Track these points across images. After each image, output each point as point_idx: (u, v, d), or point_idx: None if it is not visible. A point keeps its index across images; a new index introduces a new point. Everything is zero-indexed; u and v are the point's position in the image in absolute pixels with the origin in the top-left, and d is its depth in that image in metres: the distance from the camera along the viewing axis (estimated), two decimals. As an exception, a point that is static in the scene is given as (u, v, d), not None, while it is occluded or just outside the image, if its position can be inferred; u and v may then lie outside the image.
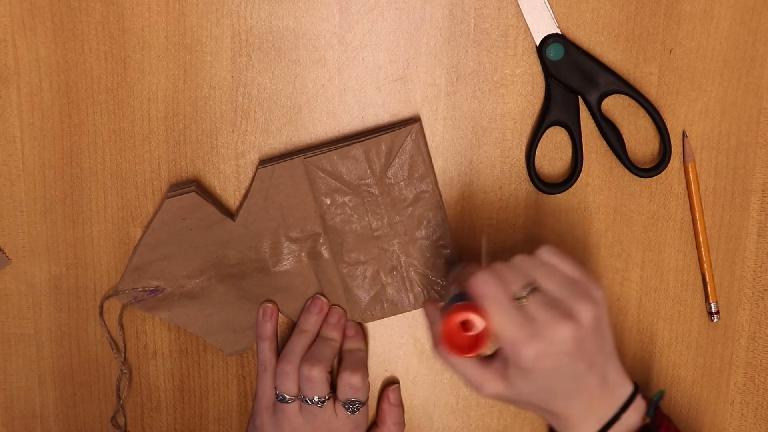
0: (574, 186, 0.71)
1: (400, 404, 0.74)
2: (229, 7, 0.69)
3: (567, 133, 0.71)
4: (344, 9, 0.69)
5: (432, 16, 0.69)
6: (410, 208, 0.70)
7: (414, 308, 0.72)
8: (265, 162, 0.70)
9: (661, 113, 0.70)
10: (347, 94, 0.70)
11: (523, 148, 0.71)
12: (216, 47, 0.69)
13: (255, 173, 0.69)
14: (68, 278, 0.73)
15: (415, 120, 0.70)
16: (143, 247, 0.70)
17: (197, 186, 0.70)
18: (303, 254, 0.71)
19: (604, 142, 0.71)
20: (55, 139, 0.71)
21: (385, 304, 0.72)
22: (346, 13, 0.69)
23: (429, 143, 0.71)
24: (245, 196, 0.70)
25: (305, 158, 0.69)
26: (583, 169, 0.71)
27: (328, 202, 0.69)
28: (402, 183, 0.69)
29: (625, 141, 0.71)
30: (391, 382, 0.74)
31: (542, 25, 0.69)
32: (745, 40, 0.70)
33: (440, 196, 0.70)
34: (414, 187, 0.69)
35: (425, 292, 0.71)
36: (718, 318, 0.74)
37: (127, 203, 0.72)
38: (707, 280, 0.73)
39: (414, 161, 0.69)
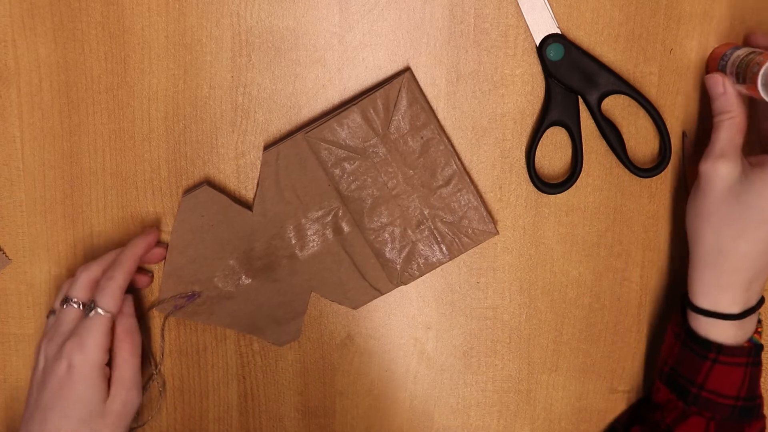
0: (574, 186, 0.71)
1: (134, 314, 0.68)
2: (229, 7, 0.69)
3: (567, 133, 0.71)
4: (344, 9, 0.69)
5: (432, 16, 0.69)
6: (420, 159, 0.69)
7: (448, 260, 0.71)
8: (268, 146, 0.70)
9: (661, 113, 0.70)
10: (347, 94, 0.70)
11: (523, 148, 0.71)
12: (216, 47, 0.69)
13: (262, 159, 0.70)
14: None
15: (405, 71, 0.69)
16: (171, 252, 0.69)
17: (209, 185, 0.71)
18: (327, 232, 0.70)
19: (604, 142, 0.71)
20: (55, 139, 0.71)
21: (420, 261, 0.71)
22: (346, 13, 0.69)
23: (429, 143, 0.71)
24: (258, 185, 0.70)
25: (306, 133, 0.68)
26: (583, 169, 0.71)
27: (338, 172, 0.69)
28: (407, 135, 0.69)
29: (625, 141, 0.71)
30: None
31: (542, 25, 0.69)
32: (745, 41, 0.70)
33: (448, 140, 0.70)
34: (420, 137, 0.68)
35: (456, 241, 0.71)
36: (718, 318, 0.74)
37: (127, 203, 0.72)
38: (707, 280, 0.73)
39: (413, 111, 0.68)
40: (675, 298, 0.74)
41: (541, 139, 0.71)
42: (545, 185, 0.71)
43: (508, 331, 0.75)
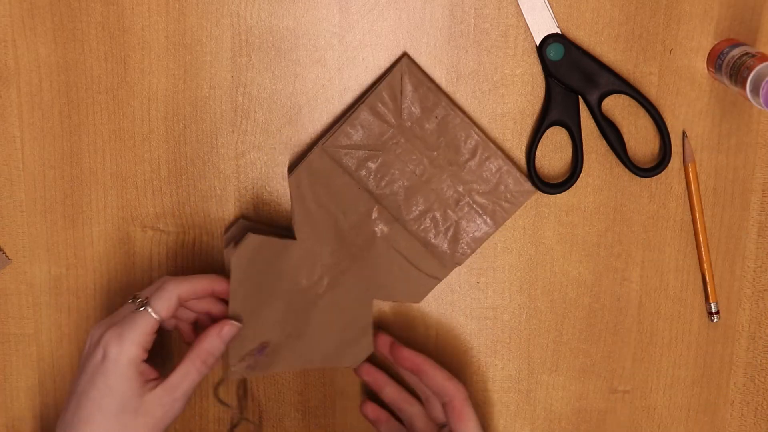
0: (574, 186, 0.71)
1: (227, 344, 0.66)
2: (229, 7, 0.69)
3: (567, 133, 0.71)
4: (344, 9, 0.69)
5: (432, 16, 0.69)
6: (441, 138, 0.69)
7: (494, 229, 0.70)
8: (290, 167, 0.70)
9: (661, 113, 0.70)
10: (347, 94, 0.70)
11: (524, 148, 0.71)
12: (216, 47, 0.69)
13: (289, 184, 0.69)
14: (68, 278, 0.73)
15: (402, 57, 0.69)
16: (232, 307, 0.67)
17: (245, 218, 0.70)
18: (371, 235, 0.69)
19: (604, 142, 0.71)
20: (55, 139, 0.71)
21: (467, 238, 0.70)
22: (346, 13, 0.69)
23: (429, 143, 0.71)
24: (292, 210, 0.69)
25: (323, 145, 0.68)
26: (583, 169, 0.71)
27: (364, 173, 0.69)
28: (421, 119, 0.68)
29: (626, 141, 0.71)
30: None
31: (542, 25, 0.69)
32: (746, 40, 0.70)
33: (462, 112, 0.69)
34: (434, 117, 0.68)
35: (498, 209, 0.70)
36: (718, 318, 0.74)
37: (127, 203, 0.72)
38: (707, 280, 0.73)
39: (420, 94, 0.68)
40: (675, 298, 0.74)
41: (541, 139, 0.71)
42: (545, 185, 0.70)
43: (508, 331, 0.75)
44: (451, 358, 0.75)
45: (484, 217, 0.70)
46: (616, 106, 0.71)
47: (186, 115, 0.71)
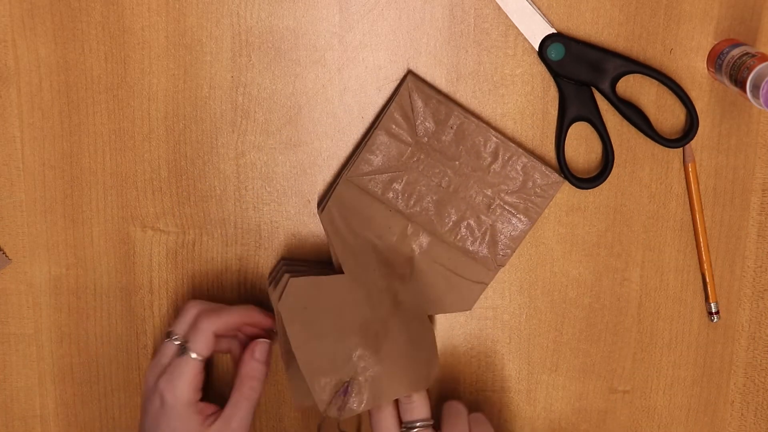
0: (573, 186, 0.71)
1: (265, 362, 0.68)
2: (229, 7, 0.69)
3: (589, 126, 0.70)
4: (344, 9, 0.69)
5: (432, 16, 0.69)
6: (461, 147, 0.69)
7: (531, 225, 0.70)
8: (319, 203, 0.71)
9: (674, 88, 0.69)
10: (347, 94, 0.70)
11: (524, 148, 0.71)
12: (216, 47, 0.69)
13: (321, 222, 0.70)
14: (68, 278, 0.73)
15: (406, 75, 0.69)
16: (300, 357, 0.66)
17: (286, 261, 0.71)
18: (411, 253, 0.70)
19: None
20: (55, 139, 0.71)
21: (505, 239, 0.70)
22: (346, 13, 0.69)
23: (429, 143, 0.71)
24: (330, 246, 0.70)
25: (347, 177, 0.69)
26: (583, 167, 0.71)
27: (392, 195, 0.69)
28: (437, 133, 0.69)
29: (649, 116, 0.70)
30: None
31: (536, 29, 0.69)
32: (745, 40, 0.70)
33: (476, 117, 0.69)
34: (449, 128, 0.68)
35: (530, 205, 0.70)
36: (718, 318, 0.74)
37: (127, 203, 0.72)
38: (707, 280, 0.73)
39: (431, 108, 0.68)
40: (675, 298, 0.74)
41: (567, 138, 0.71)
42: (581, 181, 0.70)
43: (508, 331, 0.75)
44: (451, 358, 0.75)
45: (518, 216, 0.70)
46: (627, 87, 0.70)
47: (186, 115, 0.71)
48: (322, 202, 0.71)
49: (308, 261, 0.72)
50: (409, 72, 0.69)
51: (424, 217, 0.70)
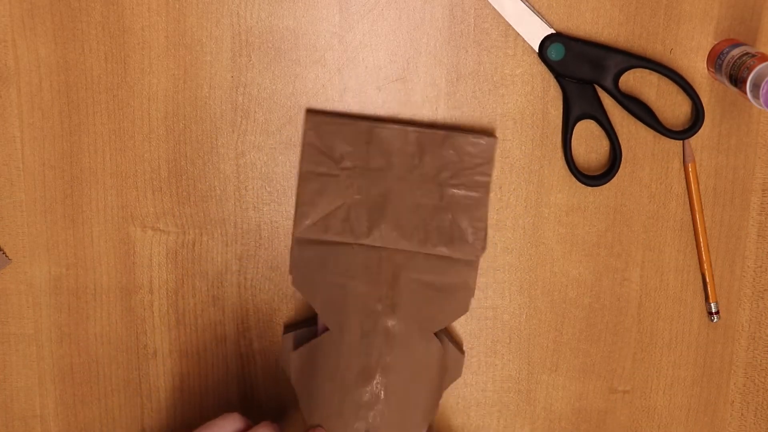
0: (574, 186, 0.71)
1: None
2: (229, 7, 0.69)
3: (594, 124, 0.71)
4: (344, 9, 0.69)
5: (432, 16, 0.69)
6: (386, 156, 0.68)
7: (486, 195, 0.68)
8: (290, 271, 0.70)
9: (679, 80, 0.69)
10: (347, 94, 0.70)
11: (524, 148, 0.71)
12: (216, 47, 0.69)
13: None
14: (68, 278, 0.73)
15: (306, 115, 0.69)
16: (312, 407, 0.67)
17: (287, 331, 0.72)
18: (392, 273, 0.68)
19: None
20: (55, 139, 0.71)
21: (471, 221, 0.68)
22: (346, 13, 0.69)
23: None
24: (317, 324, 0.70)
25: (296, 237, 0.69)
26: (583, 169, 0.71)
27: (344, 230, 0.68)
28: (357, 154, 0.68)
29: (654, 110, 0.70)
30: None
31: (535, 31, 0.69)
32: (745, 40, 0.70)
33: (386, 121, 0.67)
34: (365, 144, 0.68)
35: (477, 175, 0.68)
36: (718, 318, 0.74)
37: (127, 203, 0.72)
38: (707, 280, 0.73)
39: (340, 135, 0.68)
40: (675, 298, 0.74)
41: (572, 136, 0.71)
42: (590, 179, 0.70)
43: (508, 331, 0.75)
44: (451, 358, 0.75)
45: (470, 193, 0.68)
46: (629, 83, 0.70)
47: (186, 115, 0.71)
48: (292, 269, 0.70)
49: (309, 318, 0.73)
50: (306, 111, 0.69)
51: (387, 237, 0.68)
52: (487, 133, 0.68)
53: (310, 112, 0.69)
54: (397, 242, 0.68)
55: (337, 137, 0.68)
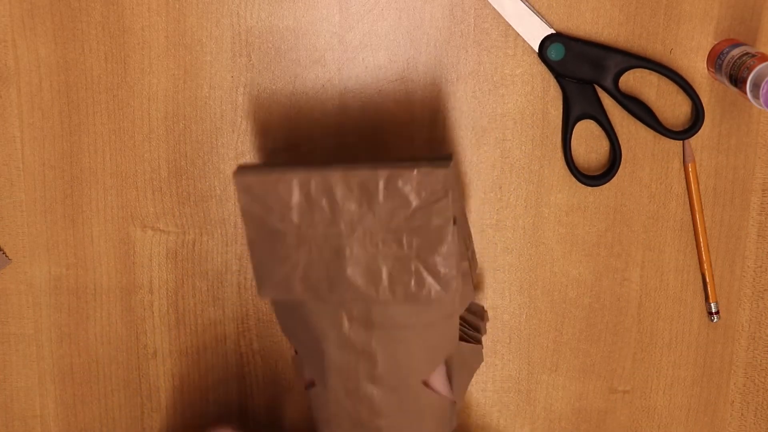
0: (574, 186, 0.71)
1: None
2: (229, 7, 0.69)
3: (594, 123, 0.71)
4: (344, 9, 0.69)
5: (432, 16, 0.69)
6: (331, 206, 0.59)
7: (451, 225, 0.57)
8: (275, 304, 0.64)
9: (681, 75, 0.69)
10: (347, 94, 0.70)
11: (524, 148, 0.71)
12: (216, 47, 0.69)
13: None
14: (68, 278, 0.73)
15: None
16: None
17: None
18: (367, 334, 0.61)
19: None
20: (55, 139, 0.71)
21: (439, 259, 0.58)
22: (346, 13, 0.69)
23: (430, 143, 0.71)
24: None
25: (270, 302, 0.64)
26: (585, 167, 0.71)
27: (308, 292, 0.60)
28: (301, 209, 0.59)
29: (654, 110, 0.70)
30: None
31: (535, 31, 0.69)
32: (745, 40, 0.70)
33: (324, 166, 0.58)
34: (305, 195, 0.59)
35: (434, 210, 0.57)
36: (718, 318, 0.74)
37: (127, 203, 0.72)
38: (707, 280, 0.73)
39: (277, 193, 0.59)
40: (675, 298, 0.74)
41: (572, 136, 0.71)
42: (590, 178, 0.70)
43: (508, 331, 0.75)
44: (451, 358, 0.75)
45: (431, 228, 0.58)
46: (629, 83, 0.70)
47: (186, 115, 0.71)
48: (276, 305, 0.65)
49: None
50: (235, 172, 0.59)
51: (354, 292, 0.59)
52: (445, 156, 0.59)
53: (240, 173, 0.59)
54: (363, 297, 0.59)
55: (272, 197, 0.58)
